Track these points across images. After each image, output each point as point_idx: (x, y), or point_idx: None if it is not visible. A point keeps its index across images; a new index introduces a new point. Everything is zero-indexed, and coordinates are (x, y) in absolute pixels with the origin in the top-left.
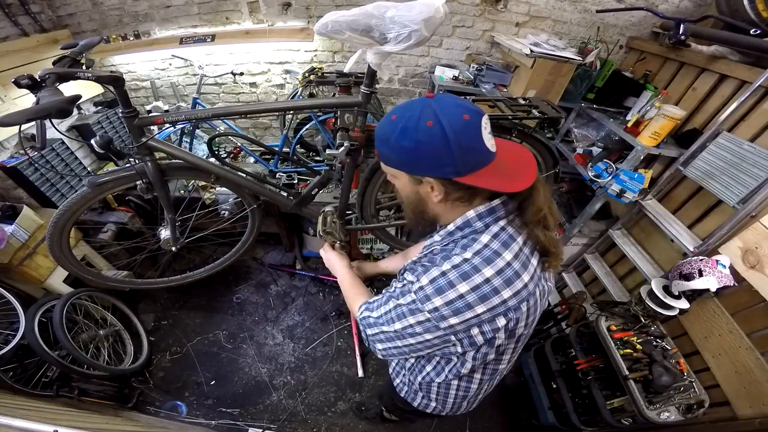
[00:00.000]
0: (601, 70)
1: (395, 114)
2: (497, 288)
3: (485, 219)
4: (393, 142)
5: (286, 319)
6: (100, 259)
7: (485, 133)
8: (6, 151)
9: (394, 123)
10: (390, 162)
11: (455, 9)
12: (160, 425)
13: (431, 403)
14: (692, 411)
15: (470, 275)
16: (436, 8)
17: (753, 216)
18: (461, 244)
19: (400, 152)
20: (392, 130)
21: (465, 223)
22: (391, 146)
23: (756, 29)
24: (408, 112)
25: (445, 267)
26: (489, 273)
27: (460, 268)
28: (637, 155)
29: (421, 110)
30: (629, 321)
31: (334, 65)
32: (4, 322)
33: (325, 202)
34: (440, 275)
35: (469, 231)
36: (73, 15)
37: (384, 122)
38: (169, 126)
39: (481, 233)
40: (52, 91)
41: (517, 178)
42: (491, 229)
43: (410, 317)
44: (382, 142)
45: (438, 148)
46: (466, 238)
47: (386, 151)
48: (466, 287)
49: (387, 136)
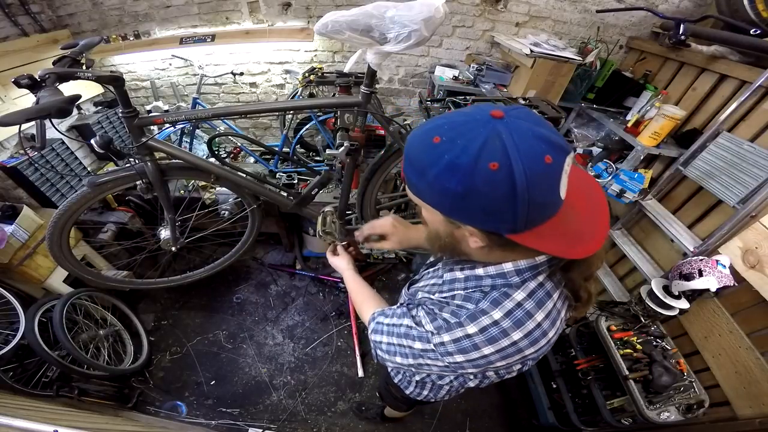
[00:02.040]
0: (601, 70)
1: (439, 135)
2: (522, 348)
3: (524, 274)
4: (432, 178)
5: (286, 319)
6: (100, 259)
7: (564, 177)
8: (6, 151)
9: (437, 149)
10: (422, 197)
11: (455, 9)
12: (160, 425)
13: (423, 392)
14: (692, 411)
15: (497, 339)
16: (436, 8)
17: (753, 216)
18: (491, 299)
19: (441, 194)
20: (432, 161)
21: (499, 275)
22: (429, 182)
23: (756, 29)
24: (462, 138)
25: (470, 330)
26: (517, 336)
27: (487, 333)
28: (637, 155)
29: (485, 140)
30: (629, 321)
31: (334, 65)
32: (4, 322)
33: (325, 202)
34: (465, 337)
35: (502, 283)
36: (73, 15)
37: (419, 144)
38: (169, 126)
39: (516, 289)
40: (52, 91)
41: (586, 238)
42: (528, 285)
43: (426, 359)
44: (416, 173)
45: (499, 202)
46: (496, 290)
47: (420, 184)
48: (491, 350)
49: (423, 168)
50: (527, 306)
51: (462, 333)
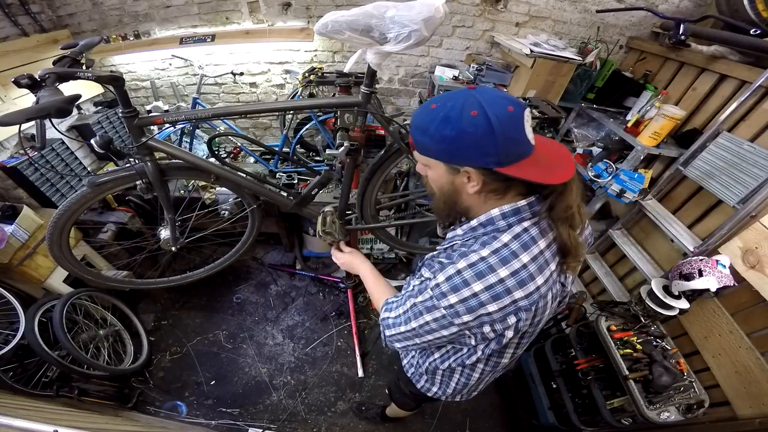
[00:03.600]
0: (601, 70)
1: (435, 103)
2: (510, 288)
3: (509, 218)
4: (433, 131)
5: (286, 319)
6: (100, 259)
7: (527, 125)
8: (6, 151)
9: (434, 112)
10: (427, 151)
11: (455, 9)
12: (159, 425)
13: (433, 388)
14: (692, 411)
15: (485, 274)
16: (436, 8)
17: (753, 216)
18: (481, 241)
19: (440, 141)
20: (432, 119)
21: (488, 220)
22: (431, 135)
23: (756, 29)
24: (450, 101)
25: (460, 265)
26: (503, 273)
27: (475, 267)
28: (637, 155)
29: (465, 100)
30: (629, 321)
31: (334, 65)
32: (4, 322)
33: (325, 202)
34: (456, 273)
35: (491, 229)
36: (73, 15)
37: (422, 112)
38: (169, 126)
39: (503, 232)
40: (52, 90)
41: (556, 171)
42: (513, 229)
43: (426, 315)
44: (421, 132)
45: (482, 137)
46: (487, 235)
47: (425, 140)
48: (480, 286)
49: (426, 126)
50: (512, 246)
51: (453, 270)
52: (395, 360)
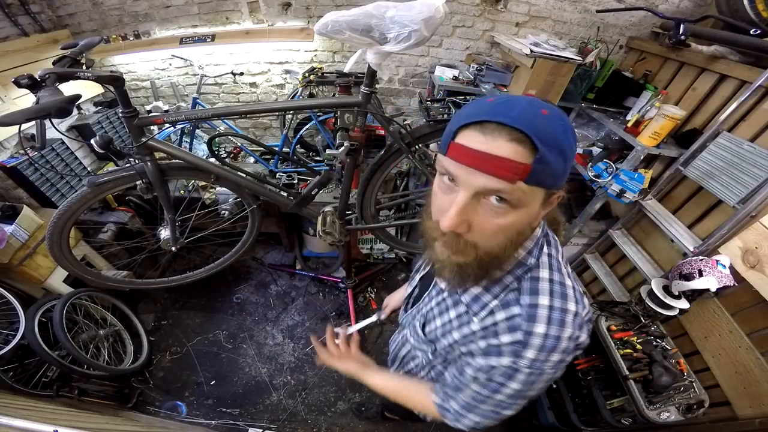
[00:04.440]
0: (601, 70)
1: (544, 108)
2: (579, 313)
3: (534, 252)
4: (566, 147)
5: (286, 319)
6: (100, 259)
7: None
8: (6, 151)
9: (553, 119)
10: (554, 178)
11: (455, 9)
12: (159, 425)
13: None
14: (692, 411)
15: (564, 319)
16: (436, 8)
17: (753, 216)
18: (527, 290)
19: (570, 158)
20: (562, 130)
21: (516, 265)
22: (563, 152)
23: (756, 29)
24: (550, 106)
25: (540, 329)
26: (572, 307)
27: (553, 320)
28: (637, 155)
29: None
30: (629, 321)
31: (334, 65)
32: (4, 322)
33: (325, 202)
34: (543, 337)
35: (523, 271)
36: (73, 15)
37: (539, 119)
38: (169, 126)
39: (537, 269)
40: (52, 90)
41: None
42: (542, 260)
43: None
44: (556, 150)
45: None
46: (522, 280)
47: (558, 162)
48: (568, 331)
49: (558, 140)
50: (555, 277)
51: (537, 339)
52: None
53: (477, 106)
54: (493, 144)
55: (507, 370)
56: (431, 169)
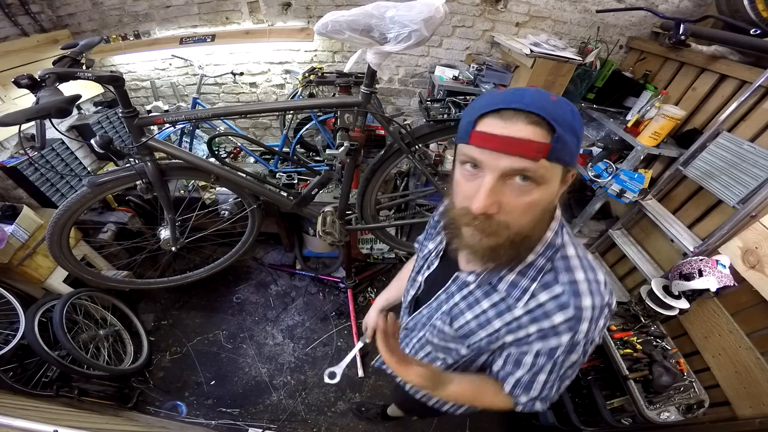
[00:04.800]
0: (601, 70)
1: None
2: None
3: (559, 233)
4: (577, 126)
5: (286, 319)
6: (100, 259)
7: None
8: (6, 151)
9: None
10: (571, 155)
11: (455, 9)
12: (159, 425)
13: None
14: (692, 411)
15: (600, 288)
16: (436, 8)
17: (753, 216)
18: (562, 269)
19: (580, 137)
20: (570, 112)
21: (547, 246)
22: (576, 131)
23: (756, 29)
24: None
25: (586, 302)
26: (601, 276)
27: (593, 293)
28: (637, 155)
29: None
30: (629, 321)
31: (334, 65)
32: (4, 322)
33: (325, 202)
34: (590, 309)
35: (552, 252)
36: (73, 15)
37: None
38: (169, 126)
39: (564, 247)
40: (52, 91)
41: None
42: (565, 239)
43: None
44: (570, 130)
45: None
46: (555, 260)
47: (573, 140)
48: (605, 297)
49: (570, 120)
50: (580, 252)
51: (587, 311)
52: None
53: (490, 97)
54: (513, 128)
55: (567, 346)
56: (431, 169)
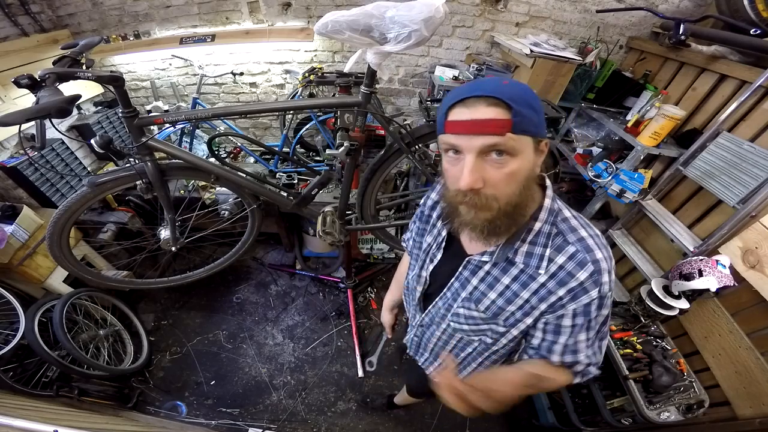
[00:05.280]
0: (601, 70)
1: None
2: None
3: (555, 200)
4: (532, 100)
5: (286, 319)
6: (100, 259)
7: None
8: (6, 151)
9: (516, 85)
10: (535, 126)
11: (455, 9)
12: (159, 425)
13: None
14: (692, 411)
15: (602, 240)
16: (436, 8)
17: (753, 216)
18: (567, 229)
19: (539, 109)
20: (524, 90)
21: (549, 212)
22: (532, 105)
23: (756, 29)
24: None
25: (599, 254)
26: (597, 230)
27: (602, 244)
28: (637, 155)
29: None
30: (629, 321)
31: (334, 65)
32: (4, 322)
33: (325, 202)
34: (603, 260)
35: (554, 217)
36: (73, 15)
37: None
38: (169, 126)
39: (561, 211)
40: (52, 90)
41: None
42: (558, 203)
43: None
44: (523, 104)
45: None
46: (559, 223)
47: (528, 113)
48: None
49: (526, 97)
50: (574, 213)
51: (604, 262)
52: (394, 360)
53: (456, 91)
54: (477, 112)
55: (598, 300)
56: (431, 169)
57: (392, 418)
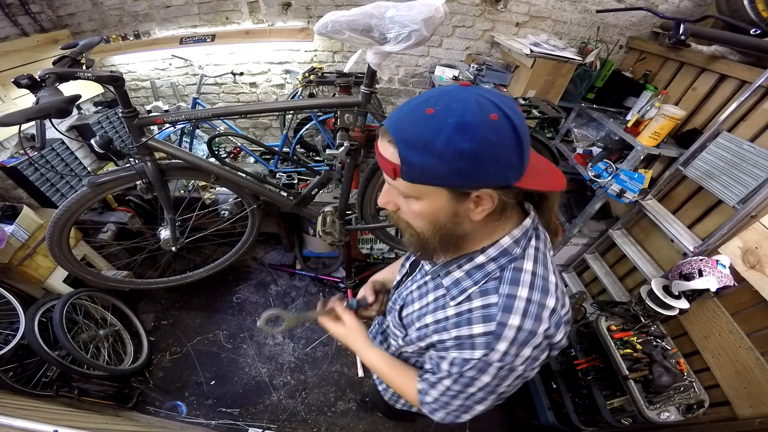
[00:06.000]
0: (601, 70)
1: (431, 106)
2: (557, 309)
3: (521, 243)
4: (441, 146)
5: None
6: (100, 259)
7: None
8: (6, 151)
9: (435, 118)
10: (429, 177)
11: (455, 9)
12: (159, 425)
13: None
14: (692, 411)
15: (541, 314)
16: (436, 8)
17: (753, 216)
18: (507, 280)
19: (455, 159)
20: (438, 129)
21: (501, 252)
22: (439, 153)
23: (756, 29)
24: (455, 102)
25: (515, 321)
26: (551, 303)
27: (529, 314)
28: (637, 155)
29: (475, 99)
30: (629, 321)
31: (334, 65)
32: (4, 322)
33: (325, 202)
34: (517, 331)
35: (507, 260)
36: (73, 15)
37: (412, 119)
38: (169, 126)
39: (522, 259)
40: (52, 91)
41: (552, 176)
42: (528, 252)
43: (503, 381)
44: (418, 150)
45: (508, 147)
46: (505, 269)
47: (426, 161)
48: (544, 326)
49: (427, 140)
50: (539, 271)
51: (511, 331)
52: None
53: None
54: (382, 145)
55: (479, 363)
56: None
57: (392, 418)
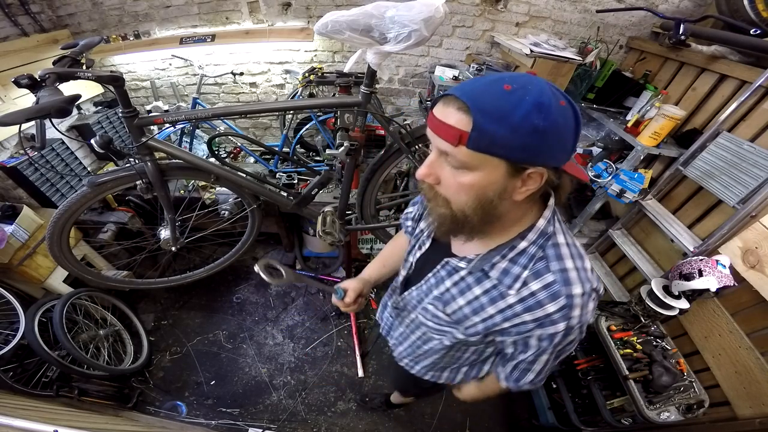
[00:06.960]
0: (601, 70)
1: (508, 84)
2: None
3: (551, 222)
4: (518, 120)
5: (286, 319)
6: (100, 259)
7: None
8: (6, 151)
9: (514, 95)
10: (498, 147)
11: (455, 9)
12: (159, 425)
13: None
14: (692, 411)
15: (588, 275)
16: (436, 8)
17: (753, 216)
18: (553, 256)
19: (526, 132)
20: (516, 105)
21: (540, 234)
22: (513, 125)
23: (756, 29)
24: (530, 84)
25: (576, 290)
26: (588, 264)
27: (583, 279)
28: (637, 155)
29: (549, 86)
30: (629, 321)
31: (334, 65)
32: (4, 322)
33: (325, 202)
34: (580, 296)
35: (544, 240)
36: (73, 15)
37: (491, 92)
38: (169, 126)
39: (555, 235)
40: (52, 90)
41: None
42: (557, 226)
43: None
44: (494, 120)
45: (569, 133)
46: (545, 248)
47: (500, 131)
48: (593, 283)
49: (506, 112)
50: (569, 240)
51: (578, 299)
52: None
53: (455, 86)
54: (445, 112)
55: (564, 331)
56: None
57: (392, 418)
